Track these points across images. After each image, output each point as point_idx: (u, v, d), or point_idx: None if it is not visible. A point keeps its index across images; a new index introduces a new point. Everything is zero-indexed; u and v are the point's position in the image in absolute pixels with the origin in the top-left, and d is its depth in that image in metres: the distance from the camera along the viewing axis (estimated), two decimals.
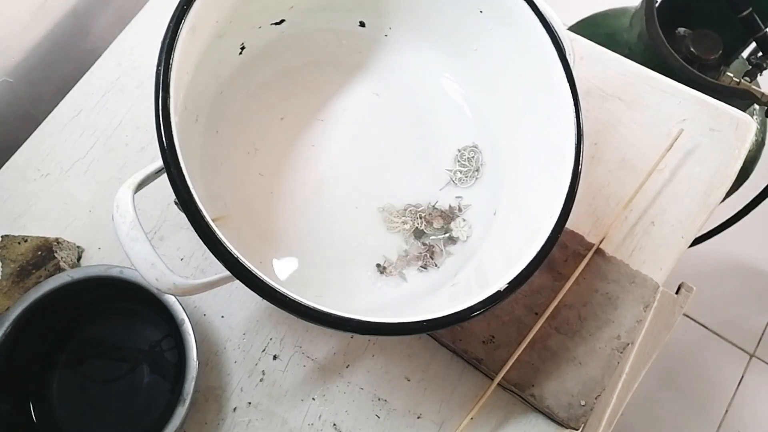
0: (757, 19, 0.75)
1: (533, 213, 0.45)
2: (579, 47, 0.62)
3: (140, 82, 0.59)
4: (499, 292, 0.39)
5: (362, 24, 0.54)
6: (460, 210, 0.51)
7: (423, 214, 0.50)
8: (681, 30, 0.87)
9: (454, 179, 0.52)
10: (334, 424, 0.49)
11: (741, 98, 0.79)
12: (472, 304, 0.39)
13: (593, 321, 0.50)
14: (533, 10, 0.46)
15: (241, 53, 0.51)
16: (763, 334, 1.29)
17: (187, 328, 0.45)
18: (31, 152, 0.56)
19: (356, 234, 0.49)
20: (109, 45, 0.60)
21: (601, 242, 0.53)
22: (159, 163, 0.37)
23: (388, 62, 0.55)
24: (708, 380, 1.24)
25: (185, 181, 0.35)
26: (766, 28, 0.76)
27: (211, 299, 0.52)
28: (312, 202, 0.49)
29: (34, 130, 0.57)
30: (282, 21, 0.52)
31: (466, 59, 0.53)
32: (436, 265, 0.49)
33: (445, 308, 0.38)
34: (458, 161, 0.52)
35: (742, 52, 0.86)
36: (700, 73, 0.78)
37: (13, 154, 0.56)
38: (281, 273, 0.47)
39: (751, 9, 0.74)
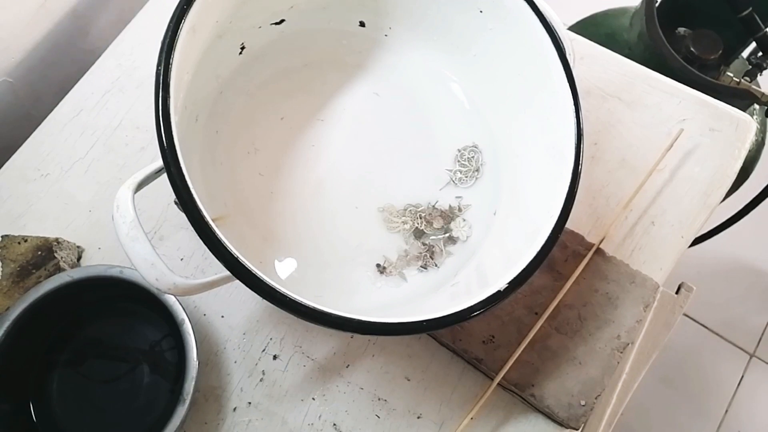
0: (757, 19, 0.75)
1: (533, 213, 0.45)
2: (579, 47, 0.62)
3: (140, 82, 0.59)
4: (499, 292, 0.39)
5: (362, 24, 0.54)
6: (460, 210, 0.51)
7: (423, 214, 0.50)
8: (681, 30, 0.87)
9: (454, 179, 0.52)
10: (334, 424, 0.49)
11: (741, 98, 0.79)
12: (472, 304, 0.39)
13: (593, 321, 0.50)
14: (533, 10, 0.46)
15: (241, 53, 0.51)
16: (763, 334, 1.29)
17: (187, 328, 0.45)
18: (31, 152, 0.56)
19: (356, 234, 0.49)
20: (109, 45, 0.60)
21: (601, 242, 0.53)
22: (159, 163, 0.37)
23: (388, 62, 0.55)
24: (708, 380, 1.24)
25: (185, 181, 0.35)
26: (766, 28, 0.76)
27: (211, 299, 0.52)
28: (312, 202, 0.49)
29: (34, 130, 0.57)
30: (282, 21, 0.52)
31: (466, 59, 0.53)
32: (436, 265, 0.49)
33: (445, 308, 0.38)
34: (458, 161, 0.52)
35: (742, 52, 0.86)
36: (700, 73, 0.78)
37: (13, 154, 0.56)
38: (281, 273, 0.47)
39: (751, 9, 0.74)
